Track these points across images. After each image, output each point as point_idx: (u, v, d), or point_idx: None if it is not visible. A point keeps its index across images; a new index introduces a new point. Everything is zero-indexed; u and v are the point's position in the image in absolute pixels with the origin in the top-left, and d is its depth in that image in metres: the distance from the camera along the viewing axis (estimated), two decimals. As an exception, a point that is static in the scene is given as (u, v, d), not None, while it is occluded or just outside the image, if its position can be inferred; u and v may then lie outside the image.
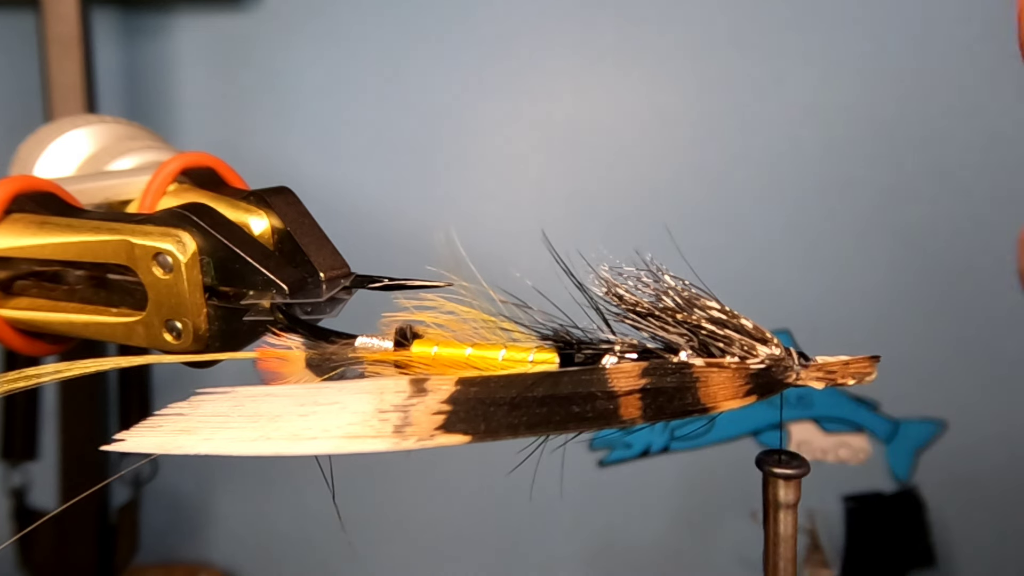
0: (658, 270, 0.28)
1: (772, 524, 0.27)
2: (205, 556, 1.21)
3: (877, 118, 1.08)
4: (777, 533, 0.27)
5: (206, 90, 1.11)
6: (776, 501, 0.27)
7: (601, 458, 1.14)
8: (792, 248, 1.11)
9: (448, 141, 1.12)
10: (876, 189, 1.09)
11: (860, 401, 1.11)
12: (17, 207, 0.37)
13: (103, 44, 1.05)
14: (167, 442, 0.27)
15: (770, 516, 0.27)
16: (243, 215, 0.38)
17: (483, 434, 0.26)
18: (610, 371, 0.27)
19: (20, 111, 1.06)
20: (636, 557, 1.20)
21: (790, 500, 0.27)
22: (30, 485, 1.00)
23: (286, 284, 0.32)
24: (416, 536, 1.21)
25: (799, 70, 1.08)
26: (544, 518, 1.19)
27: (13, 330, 0.38)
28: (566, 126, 1.11)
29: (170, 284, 0.33)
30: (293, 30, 1.10)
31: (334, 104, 1.11)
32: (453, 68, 1.10)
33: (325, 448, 0.26)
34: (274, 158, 1.12)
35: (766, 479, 0.27)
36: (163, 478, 1.05)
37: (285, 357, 0.31)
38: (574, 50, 1.10)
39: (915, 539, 1.12)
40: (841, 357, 0.27)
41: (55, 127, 0.49)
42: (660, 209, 1.11)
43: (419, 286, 0.33)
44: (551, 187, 1.12)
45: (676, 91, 1.10)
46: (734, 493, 1.14)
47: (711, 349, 0.27)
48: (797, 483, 0.27)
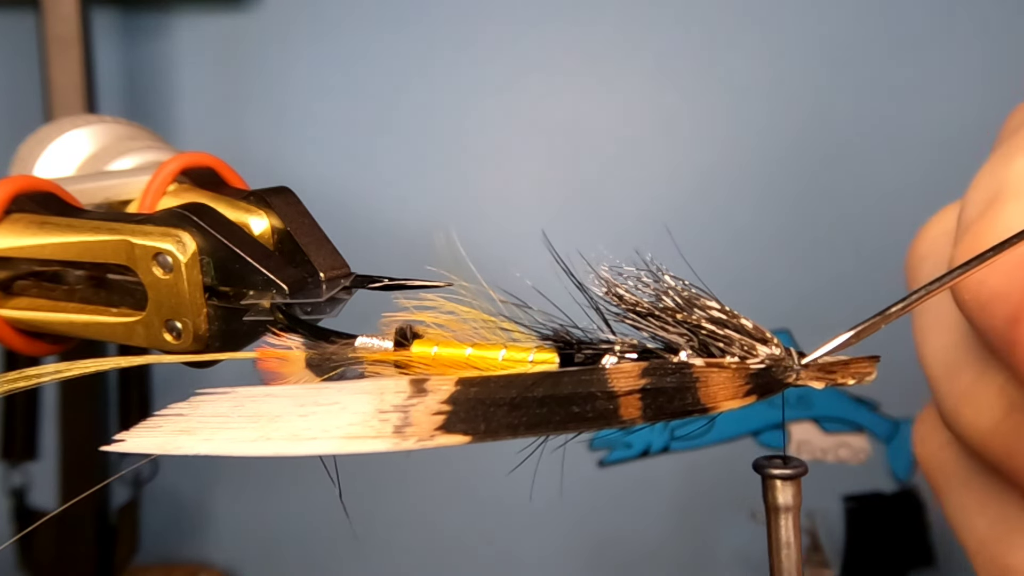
0: (658, 270, 0.28)
1: (773, 530, 0.27)
2: (205, 556, 1.21)
3: (878, 118, 1.08)
4: (778, 539, 0.27)
5: (206, 90, 1.11)
6: (775, 504, 0.27)
7: (601, 458, 1.14)
8: (792, 248, 1.11)
9: (448, 141, 1.12)
10: (877, 189, 1.09)
11: (860, 401, 1.11)
12: (17, 207, 0.37)
13: (103, 44, 1.05)
14: (167, 442, 0.27)
15: (770, 521, 0.27)
16: (243, 215, 0.38)
17: (483, 434, 0.26)
18: (610, 371, 0.27)
19: (20, 111, 1.06)
20: (636, 557, 1.20)
21: (789, 503, 0.27)
22: (30, 485, 1.00)
23: (286, 284, 0.32)
24: (416, 536, 1.21)
25: (800, 70, 1.08)
26: (544, 518, 1.19)
27: (13, 330, 0.38)
28: (566, 126, 1.11)
29: (170, 284, 0.33)
30: (293, 30, 1.10)
31: (334, 104, 1.11)
32: (453, 68, 1.10)
33: (325, 448, 0.26)
34: (274, 158, 1.12)
35: (765, 482, 0.27)
36: (163, 478, 1.05)
37: (285, 357, 0.31)
38: (574, 50, 1.10)
39: (915, 539, 1.12)
40: (841, 357, 0.27)
41: (55, 127, 0.49)
42: (660, 209, 1.11)
43: (419, 286, 0.33)
44: (551, 187, 1.12)
45: (676, 91, 1.10)
46: (734, 493, 1.14)
47: (711, 349, 0.27)
48: (796, 486, 0.27)
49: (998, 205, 0.23)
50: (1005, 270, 0.21)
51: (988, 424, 0.24)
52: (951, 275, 0.22)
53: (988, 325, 0.22)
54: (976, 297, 0.22)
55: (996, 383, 0.24)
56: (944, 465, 0.28)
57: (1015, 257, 0.21)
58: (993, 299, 0.21)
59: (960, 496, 0.27)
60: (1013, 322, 0.21)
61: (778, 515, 0.27)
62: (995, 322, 0.21)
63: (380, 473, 1.15)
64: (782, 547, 0.27)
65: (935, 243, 0.29)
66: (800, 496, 0.27)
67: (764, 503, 0.27)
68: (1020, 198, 0.22)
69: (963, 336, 0.25)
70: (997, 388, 0.24)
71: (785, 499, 0.27)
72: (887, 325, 0.24)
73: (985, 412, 0.24)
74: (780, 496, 0.27)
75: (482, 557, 1.21)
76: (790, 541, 0.27)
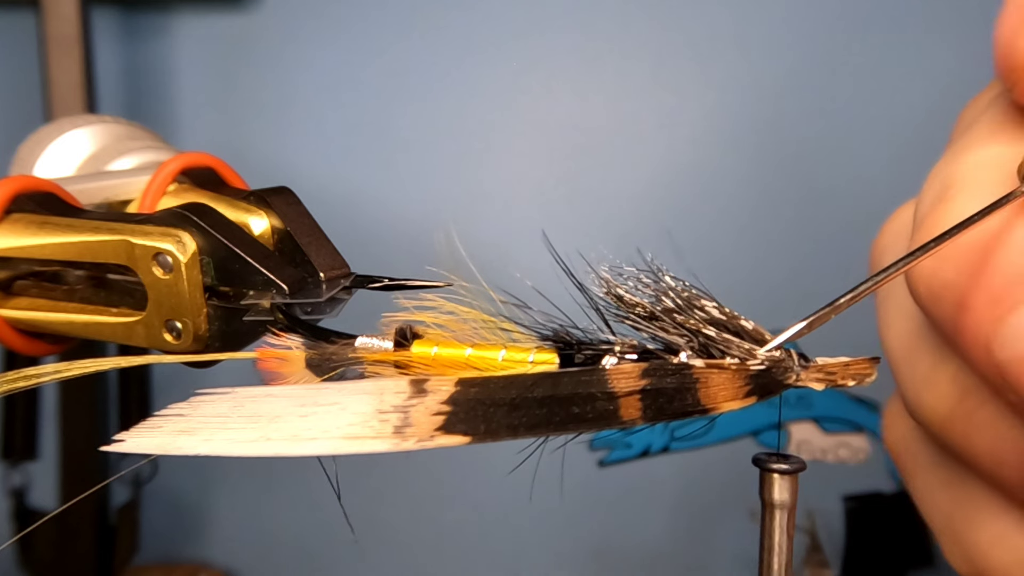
0: (658, 270, 0.28)
1: (767, 526, 0.27)
2: (205, 556, 1.21)
3: (880, 119, 1.08)
4: (771, 536, 0.27)
5: (206, 90, 1.11)
6: (772, 500, 0.27)
7: (601, 458, 1.14)
8: (792, 248, 1.11)
9: (448, 141, 1.12)
10: (878, 189, 1.09)
11: (860, 401, 1.11)
12: (17, 207, 0.37)
13: (103, 44, 1.05)
14: (167, 443, 0.27)
15: (765, 517, 0.27)
16: (243, 215, 0.38)
17: (483, 435, 0.26)
18: (610, 372, 0.27)
19: (20, 111, 1.06)
20: (636, 557, 1.20)
21: (785, 499, 0.27)
22: (30, 485, 1.00)
23: (286, 284, 0.32)
24: (416, 536, 1.21)
25: (801, 69, 1.08)
26: (544, 518, 1.19)
27: (13, 330, 0.38)
28: (566, 126, 1.11)
29: (170, 284, 0.33)
30: (293, 30, 1.10)
31: (334, 104, 1.11)
32: (453, 68, 1.10)
33: (325, 449, 0.26)
34: (274, 158, 1.12)
35: (762, 477, 0.27)
36: (163, 478, 1.05)
37: (285, 357, 0.31)
38: (574, 50, 1.10)
39: (915, 539, 1.12)
40: (841, 358, 0.27)
41: (55, 127, 0.49)
42: (660, 209, 1.11)
43: (419, 286, 0.33)
44: (551, 187, 1.12)
45: (676, 91, 1.10)
46: (734, 493, 1.14)
47: (711, 350, 0.27)
48: (794, 482, 0.27)
49: (948, 198, 0.24)
50: (953, 260, 0.22)
51: (944, 410, 0.25)
52: (898, 264, 0.23)
53: (939, 314, 0.23)
54: (928, 286, 0.23)
55: (949, 370, 0.25)
56: (910, 449, 0.30)
57: (962, 248, 0.22)
58: (943, 288, 0.22)
59: (925, 479, 0.29)
60: (960, 309, 0.22)
61: (773, 511, 0.27)
62: (945, 310, 0.22)
63: (380, 473, 1.15)
64: (775, 543, 0.27)
65: (896, 236, 0.30)
66: (796, 494, 0.27)
67: (760, 498, 0.27)
68: (968, 190, 0.23)
69: (920, 324, 0.26)
70: (951, 375, 0.24)
71: (782, 495, 0.27)
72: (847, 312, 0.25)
73: (942, 398, 0.25)
74: (777, 492, 0.27)
75: (482, 557, 1.21)
76: (783, 538, 0.27)
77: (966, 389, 0.24)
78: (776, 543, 0.27)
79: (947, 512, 0.27)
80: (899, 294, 0.28)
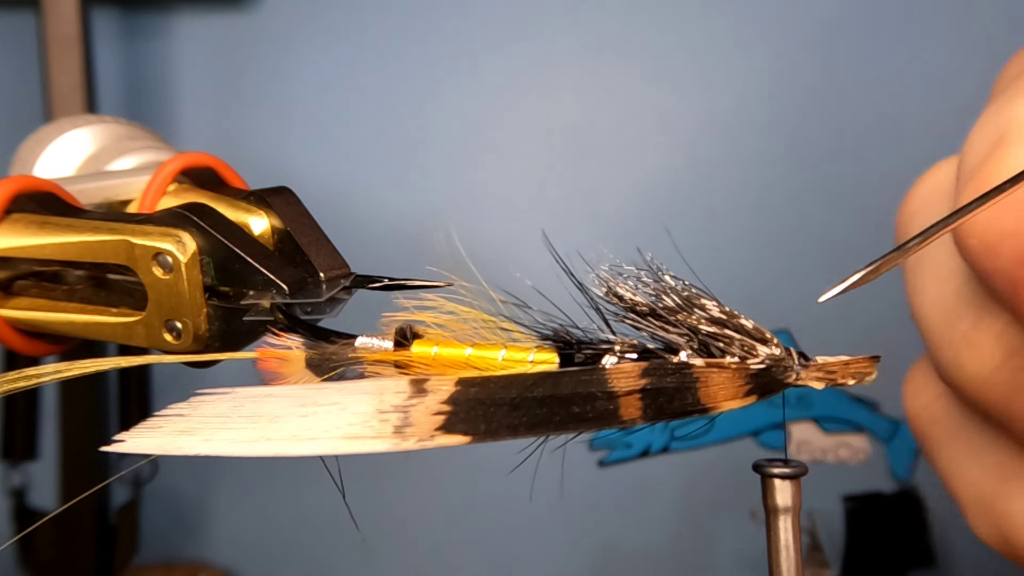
0: (658, 270, 0.28)
1: (772, 531, 0.27)
2: (205, 556, 1.21)
3: (879, 116, 1.08)
4: (777, 540, 0.27)
5: (206, 90, 1.11)
6: (775, 505, 0.27)
7: (601, 458, 1.14)
8: (792, 247, 1.11)
9: (448, 141, 1.12)
10: (878, 189, 1.09)
11: (860, 401, 1.11)
12: (17, 207, 0.37)
13: (103, 44, 1.05)
14: (167, 443, 0.27)
15: (770, 522, 0.27)
16: (243, 215, 0.38)
17: (483, 434, 0.26)
18: (610, 371, 0.27)
19: (20, 111, 1.06)
20: (636, 557, 1.20)
21: (788, 503, 0.27)
22: (30, 485, 1.00)
23: (286, 284, 0.32)
24: (415, 536, 1.21)
25: (801, 69, 1.08)
26: (544, 518, 1.19)
27: (13, 330, 0.38)
28: (566, 125, 1.11)
29: (170, 284, 0.33)
30: (293, 30, 1.10)
31: (334, 104, 1.11)
32: (453, 67, 1.10)
33: (325, 449, 0.26)
34: (274, 158, 1.12)
35: (764, 483, 0.27)
36: (163, 478, 1.05)
37: (285, 357, 0.31)
38: (574, 49, 1.10)
39: (915, 539, 1.12)
40: (841, 357, 0.27)
41: (55, 127, 0.49)
42: (660, 209, 1.11)
43: (419, 286, 0.33)
44: (551, 187, 1.12)
45: (676, 91, 1.10)
46: (734, 493, 1.14)
47: (711, 349, 0.27)
48: (796, 486, 0.27)
49: (1003, 147, 0.23)
50: (1013, 210, 0.21)
51: (987, 369, 0.24)
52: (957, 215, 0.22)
53: (994, 266, 0.22)
54: (983, 239, 0.22)
55: (995, 328, 0.24)
56: (937, 418, 0.29)
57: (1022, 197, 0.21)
58: (1002, 239, 0.21)
59: (952, 448, 0.28)
60: (1020, 261, 0.21)
61: (777, 516, 0.27)
62: (1002, 262, 0.21)
63: (380, 473, 1.15)
64: (781, 548, 0.27)
65: (927, 199, 0.29)
66: (800, 497, 0.27)
67: (763, 504, 0.27)
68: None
69: (962, 284, 0.26)
70: (996, 333, 0.24)
71: (784, 500, 0.27)
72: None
73: (985, 357, 0.24)
74: (779, 497, 0.27)
75: (482, 557, 1.21)
76: (789, 542, 0.27)
77: (1012, 348, 0.23)
78: (783, 546, 0.27)
79: (976, 481, 0.26)
80: (935, 257, 0.27)
